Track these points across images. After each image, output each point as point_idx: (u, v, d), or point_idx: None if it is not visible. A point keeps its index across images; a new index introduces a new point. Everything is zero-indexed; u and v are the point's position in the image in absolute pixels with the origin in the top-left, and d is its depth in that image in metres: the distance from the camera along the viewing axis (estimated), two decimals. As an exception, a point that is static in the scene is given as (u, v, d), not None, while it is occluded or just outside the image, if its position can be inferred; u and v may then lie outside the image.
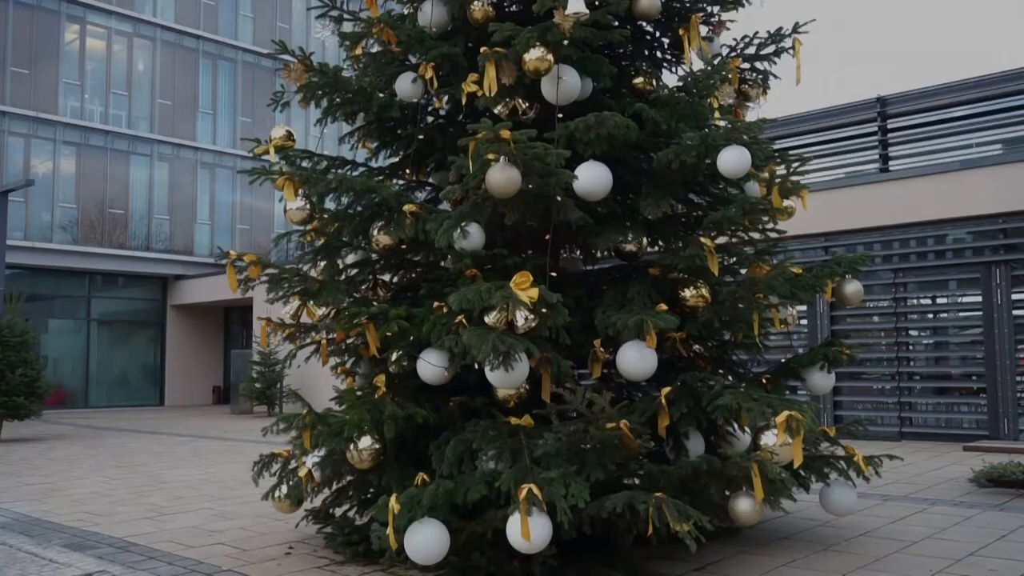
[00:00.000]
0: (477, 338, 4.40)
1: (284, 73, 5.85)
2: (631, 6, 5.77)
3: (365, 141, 6.42)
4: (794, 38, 6.19)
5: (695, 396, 5.01)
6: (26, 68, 25.78)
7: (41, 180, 25.67)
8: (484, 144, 4.65)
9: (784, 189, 5.44)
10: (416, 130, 6.17)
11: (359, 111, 6.02)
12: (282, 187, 5.51)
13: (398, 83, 5.88)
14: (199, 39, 29.55)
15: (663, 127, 5.46)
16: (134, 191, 28.01)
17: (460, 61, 5.75)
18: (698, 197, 6.04)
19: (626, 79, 6.13)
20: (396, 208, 5.44)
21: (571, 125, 5.06)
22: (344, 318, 5.09)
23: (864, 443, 9.80)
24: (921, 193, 12.88)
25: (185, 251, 29.01)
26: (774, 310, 5.46)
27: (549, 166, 4.76)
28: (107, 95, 27.55)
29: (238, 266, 5.53)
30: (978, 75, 14.30)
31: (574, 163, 5.12)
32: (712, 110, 5.61)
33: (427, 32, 5.91)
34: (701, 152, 5.12)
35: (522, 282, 4.48)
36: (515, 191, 4.75)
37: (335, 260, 6.05)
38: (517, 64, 5.11)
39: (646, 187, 5.47)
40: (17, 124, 25.62)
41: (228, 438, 15.83)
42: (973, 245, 12.69)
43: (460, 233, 5.03)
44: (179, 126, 29.00)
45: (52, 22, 26.41)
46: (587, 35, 5.07)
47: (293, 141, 6.04)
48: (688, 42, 6.06)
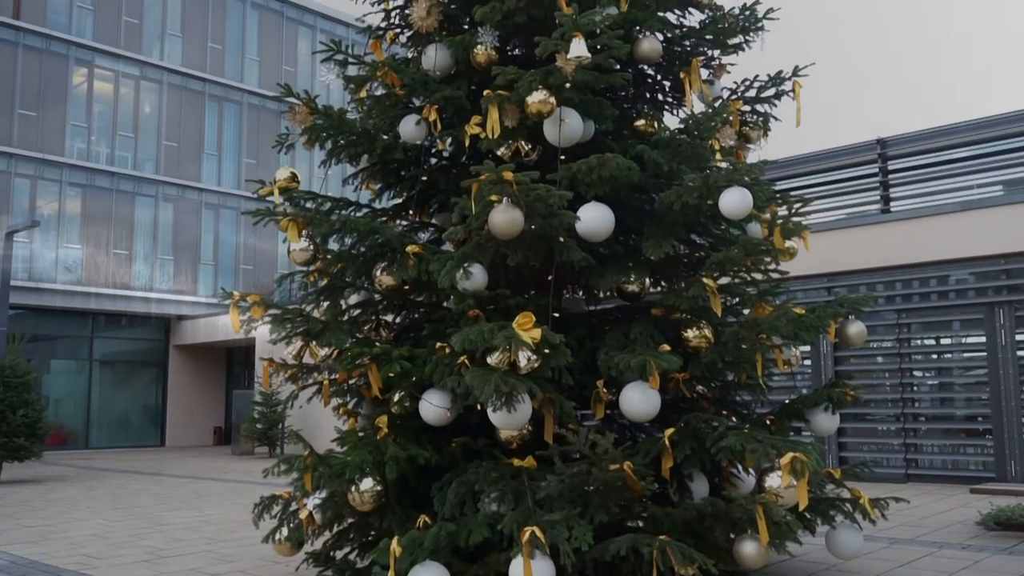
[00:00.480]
0: (480, 379, 4.39)
1: (289, 115, 5.91)
2: (632, 50, 5.84)
3: (369, 182, 6.47)
4: (794, 81, 6.26)
5: (699, 437, 4.98)
6: (34, 111, 26.07)
7: (46, 221, 25.82)
8: (487, 185, 4.68)
9: (786, 230, 5.46)
10: (419, 172, 6.22)
11: (363, 153, 6.07)
12: (286, 228, 5.54)
13: (402, 125, 5.94)
14: (205, 82, 29.90)
15: (665, 169, 5.49)
16: (139, 232, 28.15)
17: (463, 104, 5.81)
18: (700, 238, 6.06)
19: (628, 121, 6.18)
20: (399, 249, 5.46)
21: (573, 167, 5.10)
22: (346, 358, 5.08)
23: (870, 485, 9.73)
24: (923, 234, 12.91)
25: (188, 291, 29.07)
26: (777, 351, 5.45)
27: (552, 207, 4.78)
28: (113, 137, 27.81)
29: (241, 306, 5.54)
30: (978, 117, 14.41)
31: (576, 204, 5.15)
32: (713, 152, 5.65)
33: (431, 75, 5.99)
34: (703, 193, 5.15)
35: (525, 323, 4.49)
36: (518, 232, 4.77)
37: (338, 300, 6.05)
38: (520, 107, 5.16)
39: (648, 228, 5.49)
40: (24, 166, 25.84)
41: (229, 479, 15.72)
42: (976, 286, 12.69)
43: (463, 274, 5.04)
44: (184, 167, 29.24)
45: (60, 65, 26.75)
46: (589, 78, 5.13)
47: (297, 182, 6.08)
48: (689, 85, 6.12)
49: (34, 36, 26.20)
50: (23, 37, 26.02)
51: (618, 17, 5.69)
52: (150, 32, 28.92)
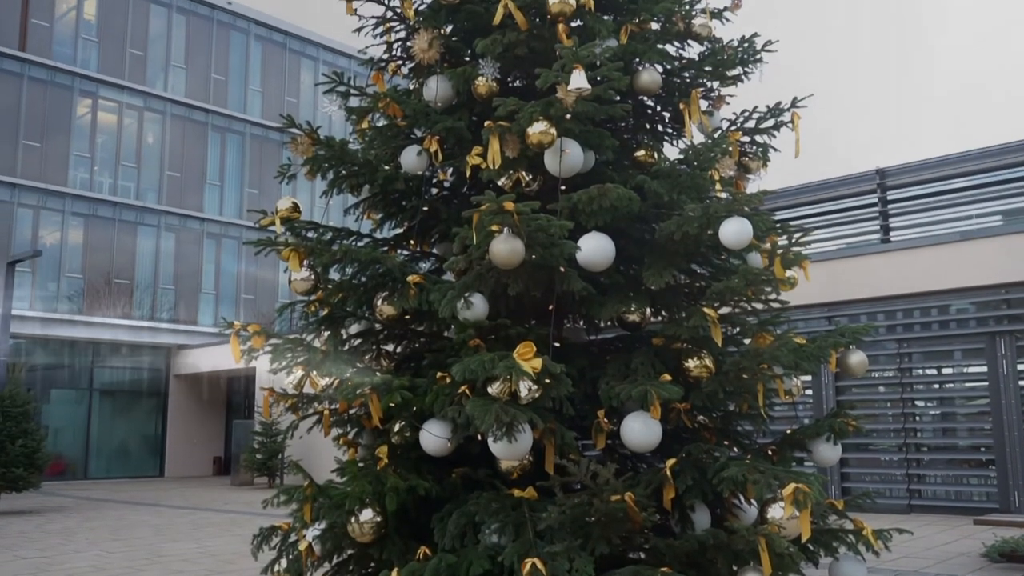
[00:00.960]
0: (480, 409, 4.38)
1: (291, 146, 5.95)
2: (632, 82, 5.89)
3: (370, 212, 6.50)
4: (792, 112, 6.30)
5: (700, 468, 4.95)
6: (38, 141, 26.24)
7: (48, 251, 25.89)
8: (488, 216, 4.70)
9: (786, 260, 5.47)
10: (421, 202, 6.24)
11: (364, 183, 6.10)
12: (287, 258, 5.55)
13: (403, 156, 5.97)
14: (208, 112, 30.12)
15: (665, 199, 5.51)
16: (140, 261, 28.21)
17: (464, 134, 5.85)
18: (701, 268, 6.07)
19: (628, 152, 6.22)
20: (400, 278, 5.47)
21: (574, 197, 5.12)
22: (347, 388, 5.07)
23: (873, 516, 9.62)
24: (923, 264, 12.94)
25: (189, 321, 29.07)
26: (778, 381, 5.44)
27: (552, 237, 4.80)
28: (116, 167, 27.97)
29: (242, 336, 5.54)
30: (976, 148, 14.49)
31: (577, 234, 5.16)
32: (713, 182, 5.68)
33: (432, 106, 6.03)
34: (703, 223, 5.16)
35: (525, 352, 4.48)
36: (518, 262, 4.79)
37: (339, 330, 6.05)
38: (521, 137, 5.20)
39: (649, 258, 5.50)
40: (27, 196, 25.95)
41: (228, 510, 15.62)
42: (977, 316, 12.69)
43: (464, 303, 5.05)
44: (186, 197, 29.36)
45: (65, 97, 26.96)
46: (589, 109, 5.17)
47: (299, 212, 6.11)
48: (689, 116, 6.16)
49: (39, 68, 26.44)
50: (28, 69, 26.25)
51: (618, 49, 5.74)
52: (154, 64, 29.18)
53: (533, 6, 5.68)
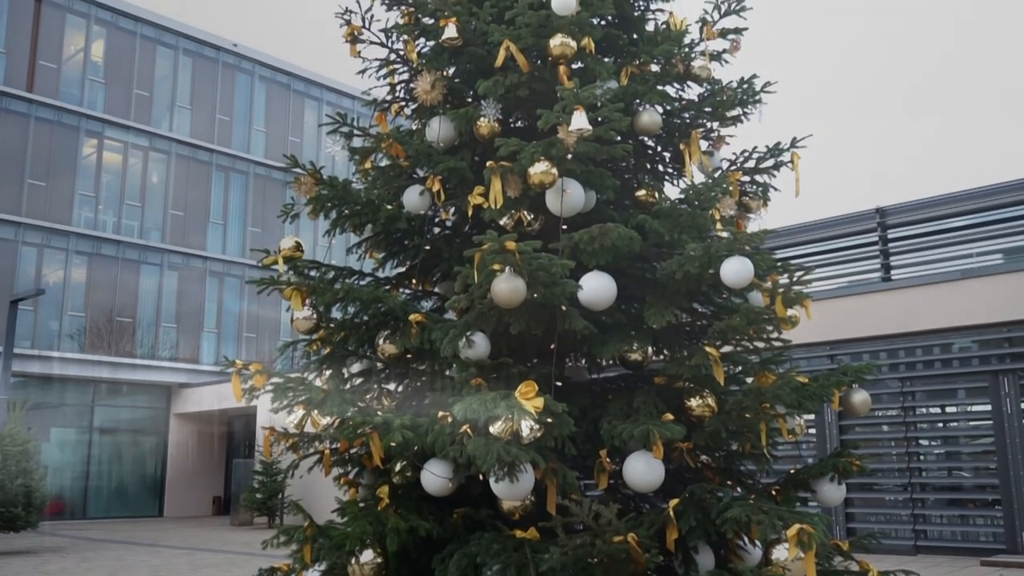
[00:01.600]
0: (482, 448, 4.36)
1: (295, 186, 6.00)
2: (633, 122, 5.95)
3: (372, 251, 6.53)
4: (792, 152, 6.35)
5: (704, 508, 4.92)
6: (43, 180, 26.43)
7: (52, 289, 25.95)
8: (490, 255, 4.72)
9: (787, 299, 5.48)
10: (423, 241, 6.28)
11: (367, 222, 6.14)
12: (289, 297, 5.57)
13: (406, 195, 6.02)
14: (212, 152, 30.36)
15: (666, 238, 5.54)
16: (143, 300, 28.26)
17: (466, 174, 5.90)
18: (702, 307, 6.08)
19: (629, 191, 6.26)
20: (402, 317, 5.48)
21: (575, 236, 5.15)
22: (348, 427, 5.06)
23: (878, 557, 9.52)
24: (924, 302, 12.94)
25: (191, 359, 29.04)
26: (781, 420, 5.42)
27: (554, 276, 4.82)
28: (120, 206, 28.13)
29: (243, 375, 5.54)
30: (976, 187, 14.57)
31: (579, 273, 5.18)
32: (714, 221, 5.71)
33: (435, 147, 6.09)
34: (704, 263, 5.18)
35: (527, 391, 4.48)
36: (520, 301, 4.80)
37: (340, 369, 6.05)
38: (522, 177, 5.24)
39: (650, 297, 5.51)
40: (31, 235, 26.08)
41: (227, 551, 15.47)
42: (979, 354, 12.66)
43: (465, 342, 5.05)
44: (190, 236, 29.50)
45: (71, 137, 27.21)
46: (590, 150, 5.21)
47: (301, 251, 6.14)
48: (689, 156, 6.22)
49: (46, 108, 26.72)
50: (35, 109, 26.52)
51: (618, 91, 5.81)
52: (160, 104, 29.48)
53: (534, 48, 5.76)
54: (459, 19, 5.92)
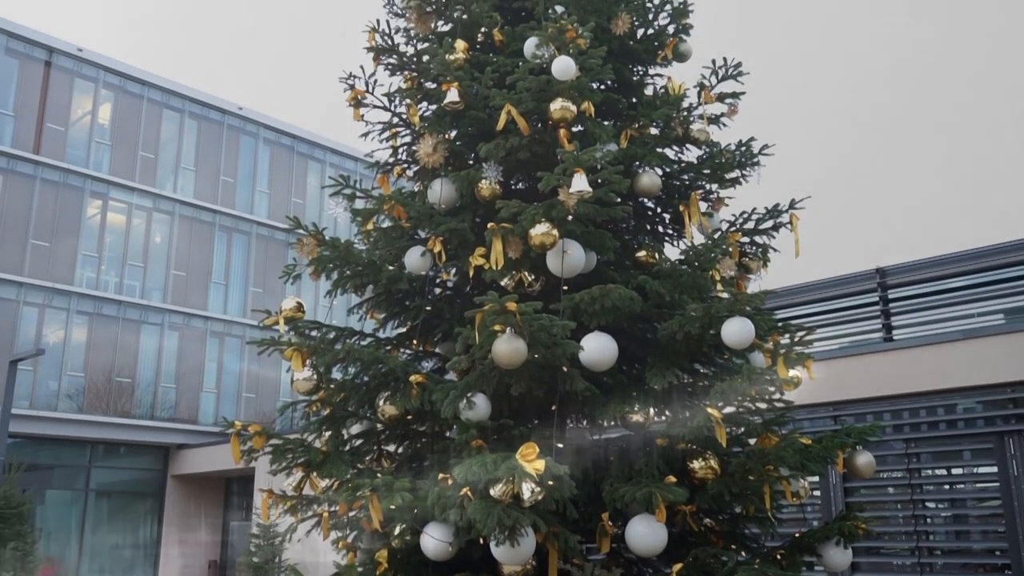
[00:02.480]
0: (482, 511, 4.31)
1: (297, 247, 6.04)
2: (632, 184, 6.01)
3: (374, 312, 6.54)
4: (791, 213, 6.40)
5: (708, 573, 4.84)
6: (47, 241, 26.58)
7: (52, 349, 25.91)
8: (491, 316, 4.73)
9: (789, 359, 5.47)
10: (424, 302, 6.29)
11: (368, 283, 6.16)
12: (290, 357, 5.57)
13: (407, 256, 6.05)
14: (216, 213, 30.60)
15: (666, 299, 5.56)
16: (142, 360, 28.19)
17: (468, 236, 5.94)
18: (704, 368, 6.06)
19: (629, 252, 6.30)
20: (403, 378, 5.47)
21: (576, 297, 5.16)
22: (347, 490, 5.00)
23: (888, 624, 9.33)
24: (927, 362, 12.89)
25: (189, 420, 28.85)
26: (785, 482, 5.36)
27: (555, 337, 4.82)
28: (123, 266, 28.25)
29: (242, 436, 5.51)
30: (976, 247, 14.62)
31: (580, 334, 5.18)
32: (714, 282, 5.73)
33: (436, 208, 6.14)
34: (705, 323, 5.19)
35: (528, 453, 4.44)
36: (521, 362, 4.79)
37: (340, 430, 6.02)
38: (523, 239, 5.28)
39: (651, 357, 5.51)
40: (33, 295, 26.15)
41: (222, 617, 15.16)
42: (984, 415, 12.57)
43: (466, 403, 5.03)
44: (191, 296, 29.55)
45: (76, 197, 27.46)
46: (591, 211, 5.26)
47: (303, 312, 6.15)
48: (688, 217, 6.27)
49: (52, 170, 27.01)
50: (41, 171, 26.82)
51: (618, 153, 5.89)
52: (165, 166, 29.82)
53: (535, 112, 5.85)
54: (461, 83, 6.02)
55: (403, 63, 6.76)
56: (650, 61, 7.02)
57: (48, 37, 27.34)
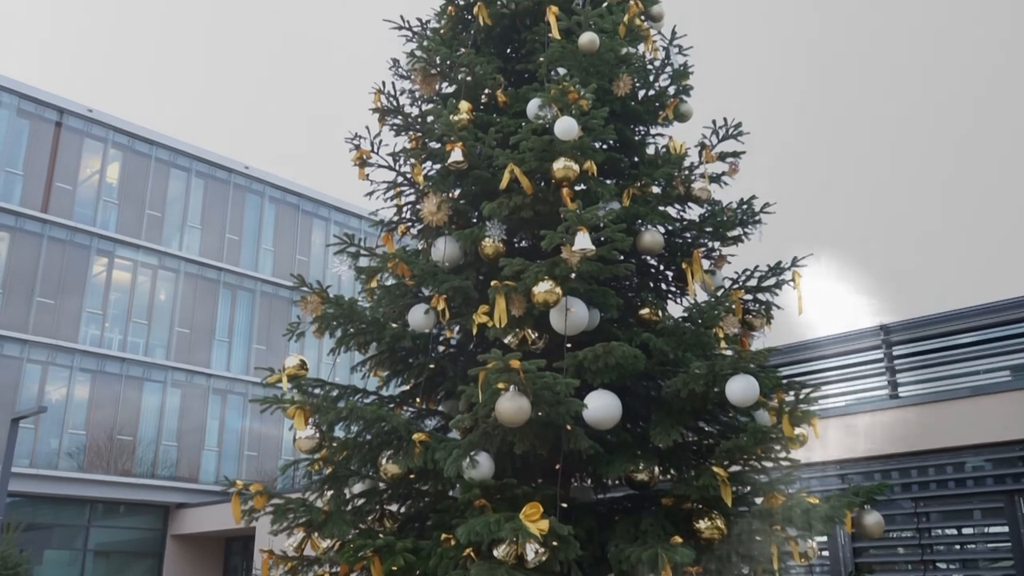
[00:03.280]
0: (486, 573, 4.26)
1: (301, 305, 6.06)
2: (635, 242, 6.05)
3: (377, 370, 6.54)
4: (793, 271, 6.42)
5: (715, 637, 4.75)
6: (52, 299, 26.67)
7: (53, 407, 25.80)
8: (494, 373, 4.72)
9: (794, 417, 5.44)
10: (427, 359, 6.29)
11: (372, 341, 6.17)
12: (293, 415, 5.55)
13: (411, 314, 6.06)
14: (220, 270, 30.74)
15: (670, 356, 5.55)
16: (144, 417, 28.05)
17: (471, 293, 5.96)
18: (708, 426, 6.03)
19: (633, 310, 6.31)
20: (405, 436, 5.44)
21: (580, 355, 5.16)
22: (349, 551, 4.95)
23: None
24: (934, 419, 12.78)
25: (190, 478, 28.58)
26: (793, 543, 5.28)
27: (558, 395, 4.80)
28: (127, 324, 28.29)
29: (243, 496, 5.46)
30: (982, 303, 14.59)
31: (583, 392, 5.17)
32: (718, 339, 5.73)
33: (440, 266, 6.17)
34: (709, 381, 5.18)
35: (532, 513, 4.40)
36: (525, 420, 4.77)
37: (342, 489, 5.97)
38: (526, 296, 5.29)
39: (656, 415, 5.48)
40: (36, 352, 26.14)
41: None
42: (993, 473, 12.42)
43: (469, 462, 4.99)
44: (195, 353, 29.52)
45: (82, 255, 27.63)
46: (594, 269, 5.29)
47: (306, 370, 6.15)
48: (691, 275, 6.29)
49: (59, 228, 27.23)
50: (49, 229, 27.04)
51: (621, 211, 5.93)
52: (171, 224, 30.05)
53: (538, 171, 5.92)
54: (465, 143, 6.10)
55: (408, 123, 6.86)
56: (651, 121, 7.12)
57: (59, 98, 27.81)
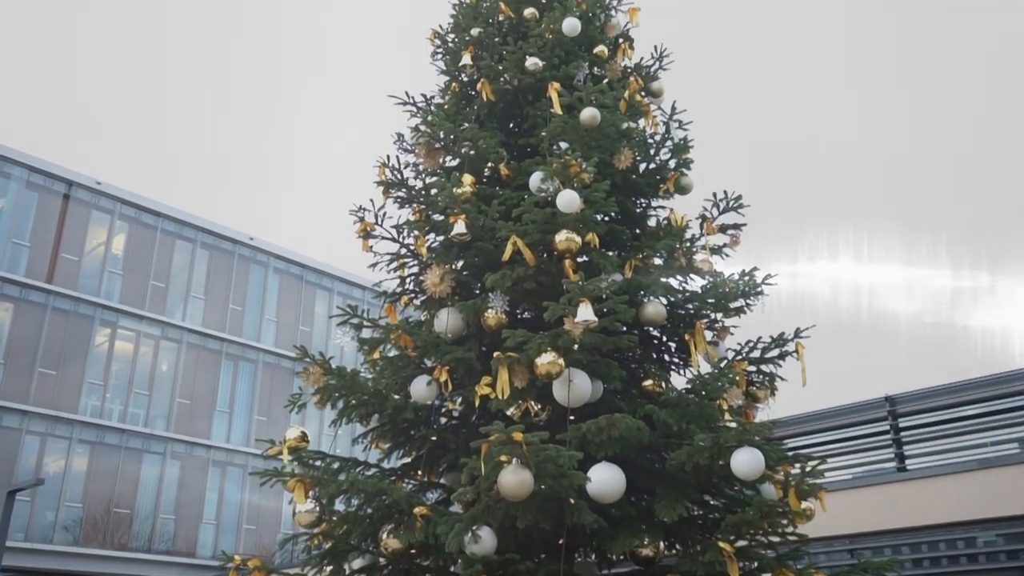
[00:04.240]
0: (488, 653, 4.15)
1: (303, 376, 6.05)
2: (638, 314, 6.06)
3: (379, 442, 6.50)
4: (796, 342, 6.41)
5: None
6: (53, 369, 26.61)
7: (51, 479, 25.51)
8: (497, 446, 4.69)
9: (801, 491, 5.37)
10: (429, 431, 6.25)
11: (374, 412, 6.14)
12: (293, 489, 5.49)
13: (413, 386, 6.05)
14: (223, 341, 30.73)
15: (674, 428, 5.51)
16: (143, 490, 27.71)
17: (474, 365, 5.95)
18: (714, 499, 5.96)
19: (636, 381, 6.29)
20: (407, 510, 5.37)
21: (583, 427, 5.13)
22: (348, 630, 4.84)
23: None
24: (942, 493, 12.59)
25: (187, 552, 28.09)
26: (802, 621, 5.17)
27: (562, 468, 4.76)
28: (128, 394, 28.16)
29: (241, 571, 5.38)
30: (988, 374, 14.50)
31: (587, 465, 5.12)
32: (722, 412, 5.70)
33: (443, 337, 6.18)
34: (714, 454, 5.13)
35: (535, 590, 4.31)
36: (528, 493, 4.72)
37: (342, 565, 5.87)
38: (529, 368, 5.29)
39: (660, 489, 5.42)
40: (36, 423, 25.97)
41: None
42: (1005, 548, 12.19)
43: (471, 537, 4.92)
44: (195, 424, 29.32)
45: (85, 326, 27.65)
46: (597, 341, 5.29)
47: (307, 442, 6.11)
48: (694, 346, 6.29)
49: (64, 299, 27.32)
50: (53, 300, 27.12)
51: (623, 283, 5.96)
52: (174, 295, 30.16)
53: (541, 243, 5.97)
54: (468, 216, 6.17)
55: (412, 196, 6.95)
56: (652, 194, 7.21)
57: (68, 171, 28.19)
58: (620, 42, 7.98)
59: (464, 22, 7.83)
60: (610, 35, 7.91)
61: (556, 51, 7.27)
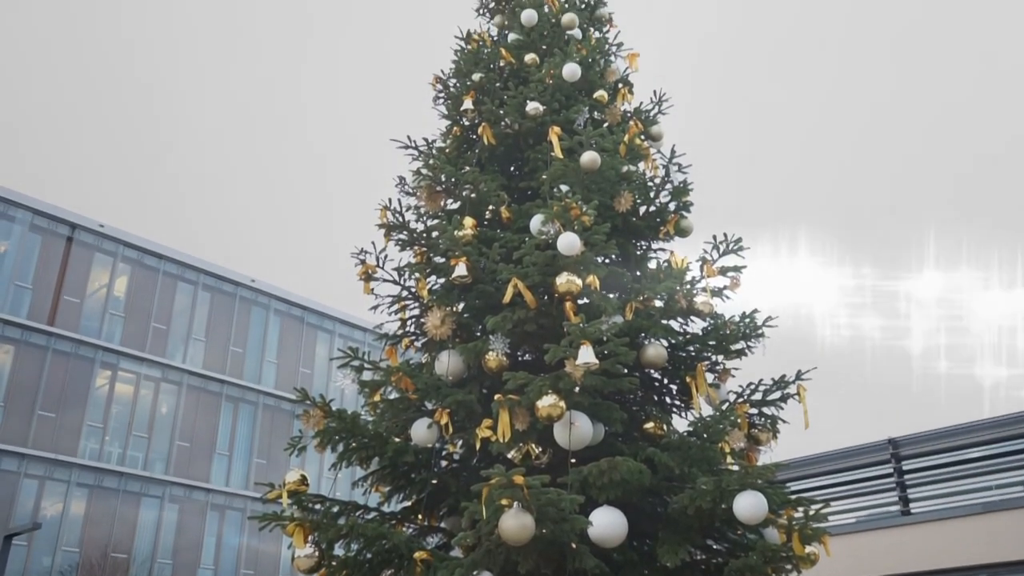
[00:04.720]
0: None
1: (303, 419, 6.04)
2: (639, 356, 6.06)
3: (379, 485, 6.46)
4: (798, 385, 6.40)
5: None
6: (53, 412, 26.49)
7: (49, 522, 25.26)
8: (498, 490, 4.66)
9: (805, 535, 5.33)
10: (430, 474, 6.22)
11: (374, 455, 6.11)
12: (292, 533, 5.45)
13: (414, 428, 6.03)
14: (223, 383, 30.62)
15: (676, 472, 5.48)
16: (140, 534, 27.42)
17: (475, 407, 5.94)
18: (717, 543, 5.90)
19: (637, 424, 6.27)
20: (407, 555, 5.33)
21: (584, 470, 5.10)
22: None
23: None
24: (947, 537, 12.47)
25: (184, 599, 27.72)
26: (807, 668, 5.10)
27: (563, 512, 4.73)
28: (127, 437, 28.01)
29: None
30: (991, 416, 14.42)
31: (588, 508, 5.08)
32: (724, 454, 5.67)
33: (443, 380, 6.17)
34: (716, 497, 5.10)
35: (536, 637, 4.26)
36: (529, 537, 4.68)
37: (341, 612, 5.79)
38: (530, 410, 5.27)
39: (663, 533, 5.37)
40: (34, 466, 25.79)
41: None
42: (1013, 594, 12.02)
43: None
44: (194, 467, 29.11)
45: (85, 368, 27.59)
46: (598, 383, 5.28)
47: (307, 485, 6.07)
48: (696, 389, 6.27)
49: (65, 341, 27.30)
50: (54, 342, 27.10)
51: (624, 325, 5.97)
52: (175, 337, 30.13)
53: (541, 286, 5.99)
54: (469, 258, 6.20)
55: (413, 239, 6.98)
56: (653, 236, 7.25)
57: (71, 214, 28.34)
58: (620, 87, 8.09)
59: (465, 67, 7.95)
60: (610, 80, 8.02)
61: (556, 96, 7.36)
